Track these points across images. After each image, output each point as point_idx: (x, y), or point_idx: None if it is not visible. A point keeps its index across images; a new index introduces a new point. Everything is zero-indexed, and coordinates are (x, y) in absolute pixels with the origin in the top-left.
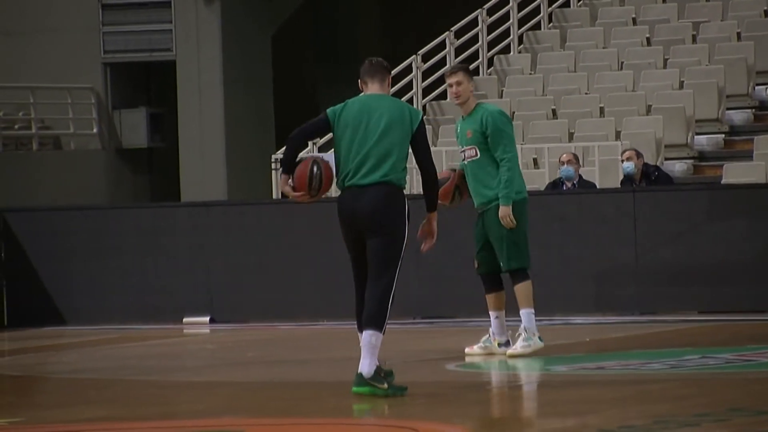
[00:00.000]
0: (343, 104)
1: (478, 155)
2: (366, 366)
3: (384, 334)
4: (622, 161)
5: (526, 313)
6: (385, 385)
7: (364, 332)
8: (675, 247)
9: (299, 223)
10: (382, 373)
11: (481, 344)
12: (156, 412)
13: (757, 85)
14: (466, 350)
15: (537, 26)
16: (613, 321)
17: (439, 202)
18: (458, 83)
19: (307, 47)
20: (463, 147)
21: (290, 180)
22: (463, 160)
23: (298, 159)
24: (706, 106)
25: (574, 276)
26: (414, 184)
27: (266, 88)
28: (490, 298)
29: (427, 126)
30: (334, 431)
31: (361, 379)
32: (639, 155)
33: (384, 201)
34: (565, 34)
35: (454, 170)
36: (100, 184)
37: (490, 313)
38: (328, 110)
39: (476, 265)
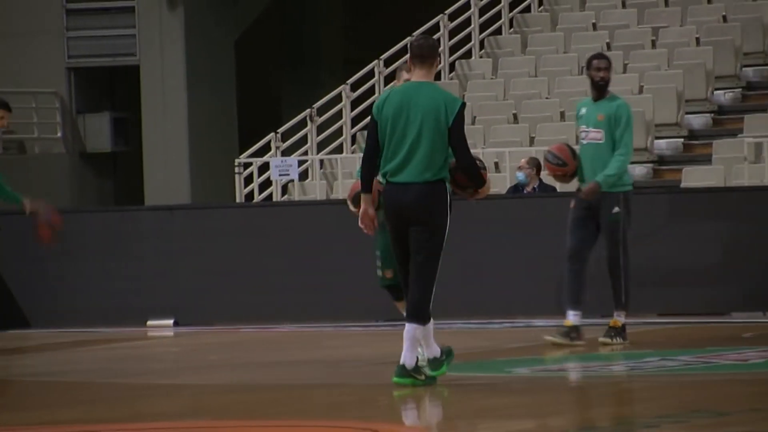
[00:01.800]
0: (385, 96)
1: None
2: (408, 358)
3: (430, 323)
4: None
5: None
6: (423, 377)
7: (407, 325)
8: (635, 250)
9: (263, 226)
10: (443, 356)
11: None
12: (121, 415)
13: (716, 89)
14: None
15: (498, 31)
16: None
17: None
18: None
19: (270, 51)
20: None
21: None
22: None
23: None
24: (665, 111)
25: (535, 279)
26: None
27: (230, 92)
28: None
29: None
30: None
31: (403, 371)
32: None
33: (428, 198)
34: (526, 39)
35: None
36: (65, 188)
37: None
38: (372, 109)
39: (389, 276)
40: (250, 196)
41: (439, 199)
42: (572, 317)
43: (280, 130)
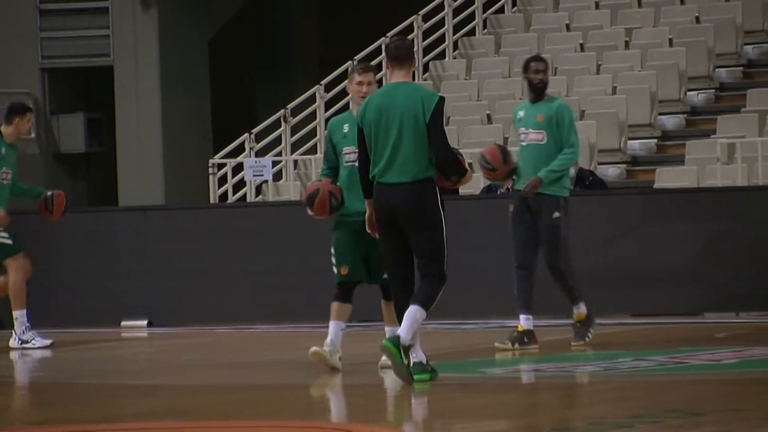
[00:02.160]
0: (366, 102)
1: None
2: (404, 332)
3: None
4: None
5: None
6: (407, 362)
7: (410, 306)
8: (608, 250)
9: (236, 227)
10: (428, 365)
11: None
12: (96, 416)
13: (689, 90)
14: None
15: (472, 32)
16: (548, 324)
17: (316, 216)
18: (369, 83)
19: (244, 52)
20: (353, 148)
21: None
22: (348, 163)
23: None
24: (638, 111)
25: (508, 279)
26: None
27: (204, 93)
28: (344, 308)
29: None
30: None
31: (396, 341)
32: None
33: (418, 198)
34: (500, 40)
35: (320, 180)
36: None
37: (340, 323)
38: (357, 114)
39: (344, 272)
40: (224, 196)
41: (429, 197)
42: (524, 322)
43: (254, 130)
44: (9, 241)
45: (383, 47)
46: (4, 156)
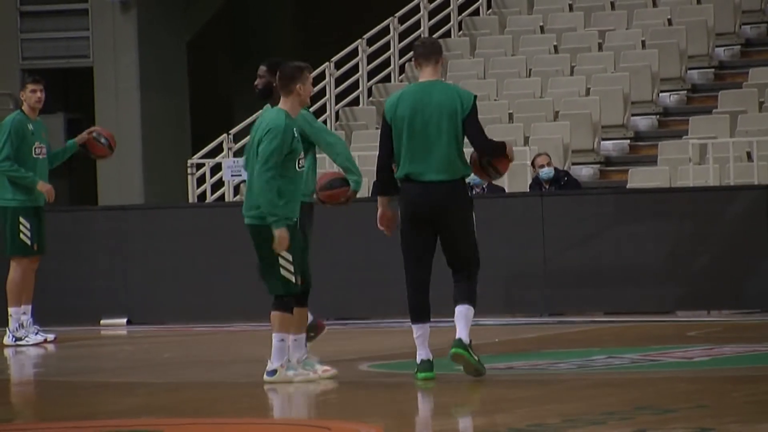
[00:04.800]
0: (396, 97)
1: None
2: (464, 334)
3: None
4: (542, 166)
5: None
6: (477, 358)
7: (461, 306)
8: (582, 249)
9: (215, 226)
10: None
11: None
12: (74, 413)
13: (662, 92)
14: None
15: (447, 34)
16: (522, 322)
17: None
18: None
19: (222, 53)
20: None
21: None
22: (301, 168)
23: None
24: (612, 113)
25: (484, 278)
26: None
27: (182, 94)
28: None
29: (339, 131)
30: (249, 430)
31: (461, 343)
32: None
33: (456, 197)
34: (475, 41)
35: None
36: None
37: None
38: (385, 109)
39: (301, 282)
40: (202, 196)
41: (465, 195)
42: None
43: (233, 131)
44: (28, 242)
45: (413, 47)
46: (34, 131)
